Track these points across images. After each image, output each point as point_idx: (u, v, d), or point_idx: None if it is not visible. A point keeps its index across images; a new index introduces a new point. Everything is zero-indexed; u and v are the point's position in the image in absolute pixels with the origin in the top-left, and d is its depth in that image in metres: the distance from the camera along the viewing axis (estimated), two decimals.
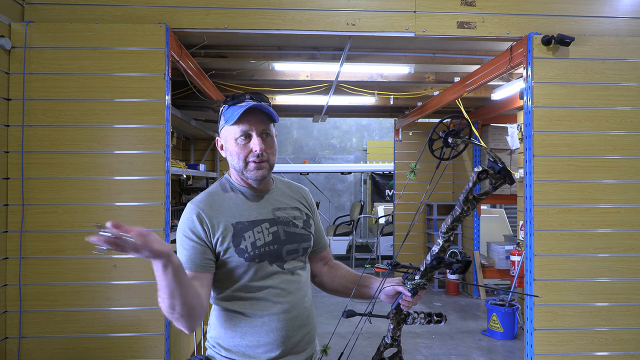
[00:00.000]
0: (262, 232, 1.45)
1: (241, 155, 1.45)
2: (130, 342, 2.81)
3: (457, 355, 4.32)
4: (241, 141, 1.44)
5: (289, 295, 1.45)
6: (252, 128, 1.43)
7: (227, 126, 1.46)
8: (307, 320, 1.49)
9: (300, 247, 1.52)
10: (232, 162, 1.49)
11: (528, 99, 3.13)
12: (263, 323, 1.42)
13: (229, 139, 1.46)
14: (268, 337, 1.41)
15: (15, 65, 2.81)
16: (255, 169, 1.45)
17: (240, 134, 1.43)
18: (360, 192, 11.70)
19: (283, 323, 1.42)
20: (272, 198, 1.54)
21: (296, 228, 1.53)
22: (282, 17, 3.05)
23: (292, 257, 1.50)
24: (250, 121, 1.43)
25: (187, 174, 4.44)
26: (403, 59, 4.16)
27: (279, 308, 1.43)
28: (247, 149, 1.44)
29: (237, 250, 1.41)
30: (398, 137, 7.18)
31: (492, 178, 1.29)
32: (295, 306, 1.46)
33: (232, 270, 1.43)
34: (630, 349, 3.08)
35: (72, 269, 2.80)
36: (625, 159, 3.11)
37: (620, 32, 3.22)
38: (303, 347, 1.47)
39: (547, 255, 3.07)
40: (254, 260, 1.42)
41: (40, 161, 2.82)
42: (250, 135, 1.44)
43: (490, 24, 3.16)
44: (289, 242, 1.49)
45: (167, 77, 2.89)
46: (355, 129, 11.82)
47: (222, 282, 1.45)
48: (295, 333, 1.45)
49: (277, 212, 1.51)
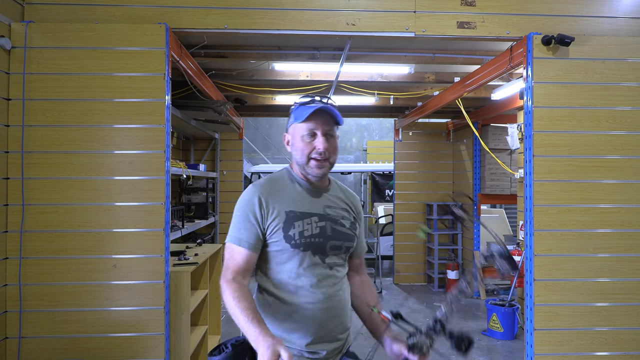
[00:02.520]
0: (310, 224, 1.55)
1: (305, 152, 1.56)
2: (130, 342, 2.81)
3: (457, 355, 4.32)
4: (307, 138, 1.56)
5: (325, 287, 1.54)
6: (317, 127, 1.56)
7: (295, 123, 1.58)
8: (341, 312, 1.58)
9: (344, 245, 1.62)
10: (296, 157, 1.60)
11: (528, 99, 3.13)
12: (300, 310, 1.51)
13: (295, 136, 1.59)
14: (304, 324, 1.51)
15: (15, 65, 2.81)
16: (317, 167, 1.57)
17: (306, 132, 1.56)
18: (360, 192, 11.70)
19: (319, 312, 1.52)
20: (326, 196, 1.65)
21: (343, 227, 1.62)
22: (282, 17, 3.05)
23: (334, 253, 1.59)
24: (317, 121, 1.55)
25: (187, 174, 4.44)
26: (403, 59, 4.15)
27: (316, 297, 1.52)
28: (311, 146, 1.56)
29: (285, 236, 1.52)
30: (398, 137, 7.18)
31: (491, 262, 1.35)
32: (331, 298, 1.55)
33: (277, 254, 1.54)
34: (630, 349, 3.08)
35: (72, 269, 2.80)
36: (625, 159, 3.11)
37: (620, 32, 3.22)
38: (335, 336, 1.56)
39: (547, 255, 3.07)
40: (299, 247, 1.52)
41: (40, 161, 2.82)
42: (315, 134, 1.56)
43: (490, 24, 3.16)
44: (334, 238, 1.59)
45: (167, 77, 2.89)
46: (355, 129, 11.82)
47: (266, 263, 1.56)
48: (329, 323, 1.54)
49: (328, 210, 1.62)
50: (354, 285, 1.74)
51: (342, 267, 1.63)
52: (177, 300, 2.99)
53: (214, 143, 6.51)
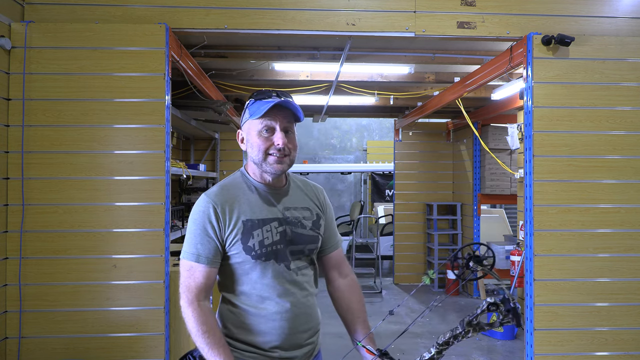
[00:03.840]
0: (270, 231, 1.47)
1: (262, 148, 1.46)
2: (130, 342, 2.81)
3: (457, 355, 4.32)
4: (264, 134, 1.47)
5: (293, 295, 1.48)
6: (276, 122, 1.47)
7: (251, 119, 1.48)
8: (310, 318, 1.53)
9: (306, 249, 1.54)
10: (252, 155, 1.50)
11: (528, 99, 3.13)
12: (268, 321, 1.45)
13: (251, 132, 1.49)
14: (272, 333, 1.45)
15: (15, 65, 2.81)
16: (276, 162, 1.47)
17: (263, 127, 1.46)
18: (360, 192, 11.70)
19: (288, 322, 1.46)
20: (284, 197, 1.56)
21: (304, 229, 1.54)
22: (282, 17, 3.05)
23: (297, 258, 1.52)
24: (275, 116, 1.46)
25: (187, 174, 4.44)
26: (403, 59, 4.15)
27: (283, 307, 1.46)
28: (269, 142, 1.47)
29: (244, 247, 1.44)
30: (398, 137, 7.18)
31: (499, 313, 1.29)
32: (299, 305, 1.49)
33: (239, 266, 1.47)
34: (630, 349, 3.08)
35: (72, 269, 2.80)
36: (625, 159, 3.11)
37: (620, 32, 3.22)
38: (305, 340, 1.52)
39: (547, 255, 3.07)
40: (260, 258, 1.45)
41: (40, 161, 2.82)
42: (274, 130, 1.47)
43: (490, 24, 3.16)
44: (295, 242, 1.52)
45: (167, 77, 2.89)
46: (355, 129, 11.82)
47: (228, 276, 1.49)
48: (299, 329, 1.49)
49: (287, 212, 1.53)
50: (340, 291, 1.66)
51: (308, 269, 1.56)
52: (177, 301, 2.98)
53: (214, 143, 6.51)
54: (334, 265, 1.68)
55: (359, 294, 1.68)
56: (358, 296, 1.67)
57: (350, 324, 1.63)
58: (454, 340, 1.30)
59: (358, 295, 1.67)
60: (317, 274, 1.63)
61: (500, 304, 1.26)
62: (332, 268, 1.68)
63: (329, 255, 1.67)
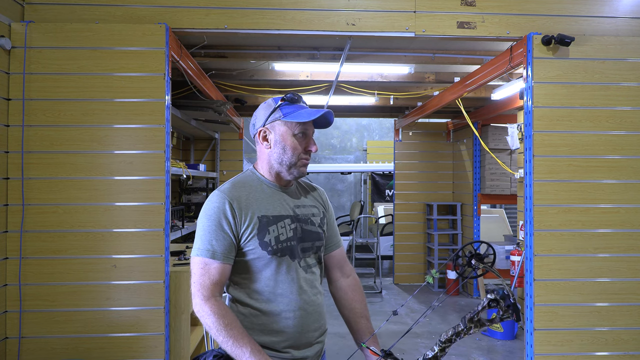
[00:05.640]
0: (284, 228, 1.50)
1: (297, 151, 1.52)
2: (130, 342, 2.81)
3: (457, 355, 4.32)
4: (300, 137, 1.52)
5: (305, 292, 1.50)
6: (309, 129, 1.55)
7: (285, 120, 1.51)
8: (320, 316, 1.55)
9: (314, 245, 1.58)
10: (280, 155, 1.52)
11: (528, 99, 3.13)
12: (280, 319, 1.46)
13: (286, 134, 1.52)
14: (285, 333, 1.46)
15: (15, 65, 2.81)
16: (304, 166, 1.55)
17: (300, 131, 1.52)
18: (360, 192, 11.70)
19: (300, 320, 1.48)
20: (292, 195, 1.60)
21: (313, 226, 1.58)
22: (282, 17, 3.05)
23: (307, 255, 1.55)
24: (308, 122, 1.54)
25: (187, 174, 4.44)
26: (403, 59, 4.16)
27: (296, 305, 1.48)
28: (303, 145, 1.53)
29: (261, 243, 1.46)
30: (398, 137, 7.18)
31: (500, 309, 1.31)
32: (311, 303, 1.51)
33: (253, 262, 1.47)
34: (630, 349, 3.08)
35: (72, 269, 2.80)
36: (625, 159, 3.11)
37: (620, 32, 3.22)
38: (316, 341, 1.54)
39: (547, 255, 3.07)
40: (276, 254, 1.47)
41: (40, 161, 2.82)
42: (307, 135, 1.54)
43: (490, 24, 3.16)
44: (305, 239, 1.55)
45: (167, 77, 2.89)
46: (355, 129, 11.82)
47: (241, 274, 1.49)
48: (310, 328, 1.51)
49: (297, 210, 1.57)
50: (342, 291, 1.68)
51: (316, 267, 1.60)
52: (177, 300, 2.99)
53: (214, 143, 6.51)
54: (336, 264, 1.70)
55: (361, 294, 1.70)
56: (361, 296, 1.69)
57: (353, 324, 1.64)
58: (456, 337, 1.32)
59: (361, 295, 1.69)
60: (322, 273, 1.65)
61: (500, 300, 1.28)
62: (334, 267, 1.70)
63: (332, 253, 1.69)
